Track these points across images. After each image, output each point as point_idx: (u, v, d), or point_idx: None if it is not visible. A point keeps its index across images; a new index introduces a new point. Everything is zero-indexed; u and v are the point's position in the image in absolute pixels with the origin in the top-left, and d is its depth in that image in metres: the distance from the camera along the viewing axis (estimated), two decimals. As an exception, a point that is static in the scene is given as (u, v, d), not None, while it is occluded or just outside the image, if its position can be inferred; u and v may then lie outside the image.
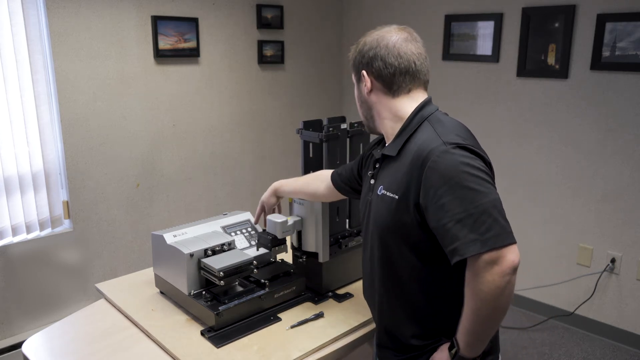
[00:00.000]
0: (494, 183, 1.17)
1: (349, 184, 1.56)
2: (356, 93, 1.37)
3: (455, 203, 1.09)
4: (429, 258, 1.22)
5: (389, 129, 1.30)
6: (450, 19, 3.37)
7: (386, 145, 1.32)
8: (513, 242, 1.09)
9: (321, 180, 1.64)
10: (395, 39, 1.26)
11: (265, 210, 1.82)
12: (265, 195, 1.80)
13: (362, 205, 1.40)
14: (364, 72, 1.29)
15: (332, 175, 1.61)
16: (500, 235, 1.08)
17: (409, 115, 1.27)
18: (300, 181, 1.71)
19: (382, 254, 1.28)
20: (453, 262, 1.11)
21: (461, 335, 1.18)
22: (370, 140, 1.58)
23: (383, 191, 1.26)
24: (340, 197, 1.63)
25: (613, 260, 2.92)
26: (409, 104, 1.28)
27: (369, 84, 1.29)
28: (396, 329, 1.31)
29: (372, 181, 1.34)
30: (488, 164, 1.19)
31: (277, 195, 1.80)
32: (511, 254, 1.08)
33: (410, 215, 1.18)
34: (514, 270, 1.08)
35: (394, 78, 1.26)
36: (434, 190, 1.12)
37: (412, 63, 1.26)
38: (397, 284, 1.28)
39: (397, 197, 1.21)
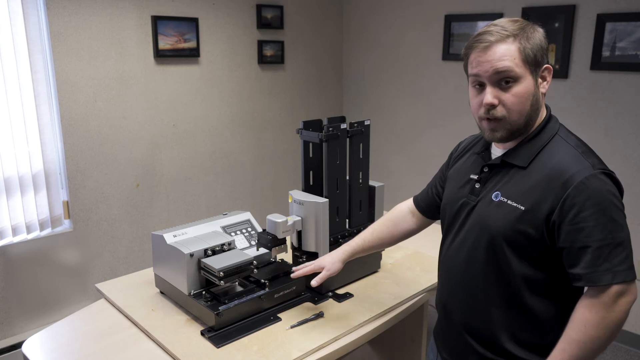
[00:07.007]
0: None
1: (432, 207, 1.52)
2: (525, 90, 1.18)
3: (597, 230, 1.10)
4: (543, 270, 1.20)
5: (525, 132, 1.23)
6: (450, 19, 3.37)
7: (500, 150, 1.27)
8: (636, 277, 1.13)
9: (402, 217, 1.58)
10: None
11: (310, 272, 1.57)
12: (330, 261, 1.55)
13: (455, 206, 1.32)
14: (548, 67, 1.22)
15: (415, 203, 1.56)
16: (630, 269, 1.12)
17: (539, 122, 1.24)
18: (376, 233, 1.58)
19: (491, 260, 1.22)
20: (577, 285, 1.13)
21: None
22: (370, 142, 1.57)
23: (501, 198, 1.21)
24: (430, 223, 1.58)
25: (613, 260, 2.92)
26: (544, 109, 1.26)
27: (550, 79, 1.23)
28: (491, 334, 1.26)
29: (478, 185, 1.28)
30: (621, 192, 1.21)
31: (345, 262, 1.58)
32: (635, 289, 1.13)
33: (536, 228, 1.16)
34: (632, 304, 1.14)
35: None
36: (576, 212, 1.11)
37: None
38: (504, 290, 1.23)
39: (523, 208, 1.17)
